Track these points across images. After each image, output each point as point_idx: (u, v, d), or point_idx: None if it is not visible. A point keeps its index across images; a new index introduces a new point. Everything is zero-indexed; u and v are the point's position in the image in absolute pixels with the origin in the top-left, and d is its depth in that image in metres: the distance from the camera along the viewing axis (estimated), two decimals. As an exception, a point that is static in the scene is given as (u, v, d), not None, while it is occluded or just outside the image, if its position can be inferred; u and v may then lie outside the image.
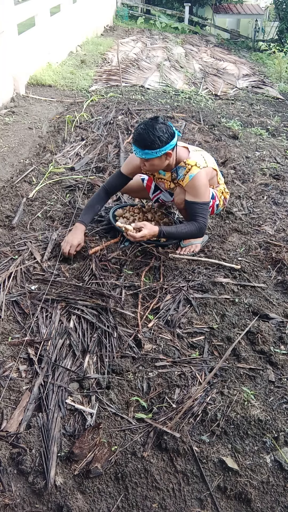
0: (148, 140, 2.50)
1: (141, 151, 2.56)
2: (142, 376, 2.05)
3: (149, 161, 2.60)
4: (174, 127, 2.63)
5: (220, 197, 2.99)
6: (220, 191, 2.98)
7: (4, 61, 5.39)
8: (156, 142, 2.50)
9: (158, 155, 2.55)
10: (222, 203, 3.03)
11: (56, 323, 2.28)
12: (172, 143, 2.57)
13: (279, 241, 3.15)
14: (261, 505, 1.63)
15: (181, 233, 2.81)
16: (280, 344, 2.30)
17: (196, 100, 6.66)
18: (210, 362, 2.16)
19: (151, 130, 2.50)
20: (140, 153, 2.57)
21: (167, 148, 2.55)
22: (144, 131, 2.51)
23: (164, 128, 2.53)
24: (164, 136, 2.51)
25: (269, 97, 7.43)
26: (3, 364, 2.05)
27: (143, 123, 2.57)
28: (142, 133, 2.51)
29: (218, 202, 2.97)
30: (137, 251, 2.89)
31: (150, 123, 2.54)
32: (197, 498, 1.64)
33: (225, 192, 3.03)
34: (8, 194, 3.47)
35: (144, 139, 2.51)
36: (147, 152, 2.54)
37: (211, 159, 2.85)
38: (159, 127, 2.51)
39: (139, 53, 9.51)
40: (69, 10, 8.39)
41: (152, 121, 2.56)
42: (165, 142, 2.53)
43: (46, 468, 1.64)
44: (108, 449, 1.73)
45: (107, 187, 2.95)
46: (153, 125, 2.52)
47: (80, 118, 5.18)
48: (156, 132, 2.49)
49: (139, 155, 2.58)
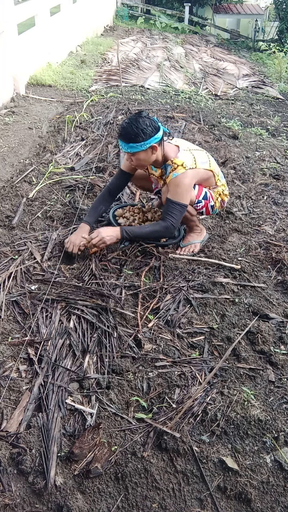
0: (132, 133, 2.53)
1: (126, 145, 2.58)
2: (142, 376, 2.05)
3: (135, 155, 2.62)
4: (159, 122, 2.65)
5: (217, 198, 2.94)
6: (217, 192, 2.93)
7: (4, 61, 5.39)
8: (140, 135, 2.53)
9: (143, 149, 2.57)
10: (219, 205, 2.97)
11: (56, 323, 2.28)
12: (157, 137, 2.58)
13: (279, 241, 3.15)
14: (261, 505, 1.63)
15: (145, 232, 2.78)
16: (280, 344, 2.30)
17: (196, 100, 6.66)
18: (210, 362, 2.16)
19: (134, 124, 2.53)
20: (126, 147, 2.59)
21: (152, 141, 2.57)
22: (128, 125, 2.55)
23: (148, 122, 2.55)
24: (147, 129, 2.53)
25: (269, 97, 7.43)
26: (3, 364, 2.05)
27: (127, 118, 2.61)
28: (126, 127, 2.55)
29: (212, 204, 2.91)
30: (137, 251, 2.89)
31: (133, 117, 2.57)
32: (197, 498, 1.64)
33: (224, 194, 2.97)
34: (8, 194, 3.47)
35: (128, 133, 2.54)
36: (132, 145, 2.56)
37: (205, 160, 2.79)
38: (143, 120, 2.54)
39: (139, 53, 9.51)
40: (69, 10, 8.39)
41: (135, 115, 2.59)
42: (149, 135, 2.55)
43: (46, 468, 1.64)
44: (108, 449, 1.73)
45: (110, 187, 2.97)
46: (137, 119, 2.55)
47: (80, 118, 5.18)
48: (139, 125, 2.52)
49: (125, 149, 2.61)
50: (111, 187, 2.96)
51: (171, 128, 5.16)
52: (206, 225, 3.26)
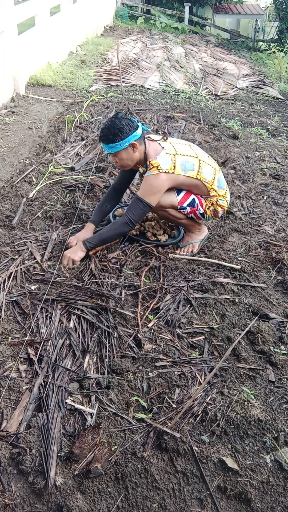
0: (109, 134, 2.58)
1: (106, 146, 2.63)
2: (142, 376, 2.05)
3: (117, 155, 2.66)
4: (137, 121, 2.69)
5: (208, 207, 2.85)
6: (210, 201, 2.84)
7: (4, 61, 5.39)
8: (118, 135, 2.57)
9: (123, 147, 2.61)
10: (210, 213, 2.88)
11: (56, 323, 2.28)
12: (135, 134, 2.61)
13: (279, 241, 3.15)
14: (261, 505, 1.63)
15: (105, 235, 2.74)
16: (280, 344, 2.30)
17: (196, 100, 6.66)
18: (210, 362, 2.16)
19: (111, 125, 2.59)
20: (107, 149, 2.64)
21: (130, 139, 2.60)
22: (105, 127, 2.61)
23: (125, 122, 2.60)
24: (124, 128, 2.58)
25: (269, 97, 7.43)
26: (3, 364, 2.05)
27: (106, 121, 2.65)
28: (104, 129, 2.61)
29: (202, 211, 2.85)
30: (137, 251, 2.89)
31: (111, 119, 2.64)
32: (197, 498, 1.64)
33: (217, 205, 2.86)
34: (8, 194, 3.47)
35: (106, 134, 2.60)
36: (112, 145, 2.60)
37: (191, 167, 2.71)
38: (119, 121, 2.60)
39: (139, 53, 9.51)
40: (69, 10, 8.39)
41: (112, 117, 2.65)
42: (127, 134, 2.58)
43: (46, 468, 1.64)
44: (108, 449, 1.73)
45: (115, 185, 3.00)
46: (113, 120, 2.61)
47: (80, 118, 5.18)
48: (115, 125, 2.58)
49: (107, 150, 2.66)
50: (116, 185, 2.99)
51: (171, 128, 5.16)
52: (206, 225, 3.26)
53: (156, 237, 3.01)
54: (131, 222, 2.70)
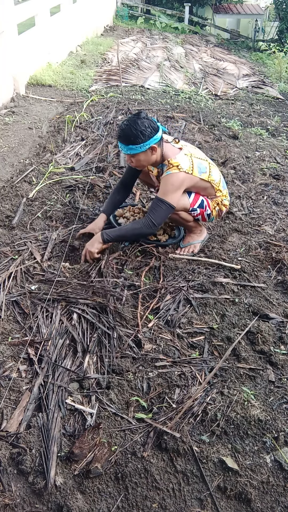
0: (131, 136, 2.50)
1: (125, 147, 2.56)
2: (142, 376, 2.05)
3: (135, 156, 2.60)
4: (158, 122, 2.63)
5: (214, 207, 2.89)
6: (215, 202, 2.88)
7: (4, 61, 5.39)
8: (139, 137, 2.50)
9: (143, 150, 2.55)
10: (216, 213, 2.92)
11: (56, 323, 2.28)
12: (156, 137, 2.56)
13: (279, 241, 3.15)
14: (261, 505, 1.63)
15: (124, 230, 2.75)
16: (280, 344, 2.30)
17: (196, 100, 6.66)
18: (210, 362, 2.16)
19: (133, 126, 2.50)
20: (125, 149, 2.57)
21: (151, 142, 2.54)
22: (127, 127, 2.52)
23: (147, 123, 2.52)
24: (146, 130, 2.51)
25: (269, 97, 7.43)
26: (3, 364, 2.05)
27: (126, 120, 2.58)
28: (125, 129, 2.52)
29: (209, 212, 2.87)
30: (137, 251, 2.89)
31: (132, 119, 2.54)
32: (197, 498, 1.64)
33: (222, 204, 2.91)
34: (8, 194, 3.47)
35: (127, 135, 2.52)
36: (131, 147, 2.54)
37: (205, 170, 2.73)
38: (141, 122, 2.51)
39: (139, 53, 9.51)
40: (69, 10, 8.39)
41: (134, 116, 2.56)
42: (148, 137, 2.52)
43: (46, 468, 1.64)
44: (108, 449, 1.73)
45: (122, 180, 2.97)
46: (135, 121, 2.52)
47: (80, 118, 5.18)
48: (138, 127, 2.49)
49: (124, 151, 2.59)
50: (124, 180, 2.97)
51: (171, 128, 5.16)
52: (206, 225, 3.26)
53: (156, 237, 3.01)
54: (153, 224, 2.64)
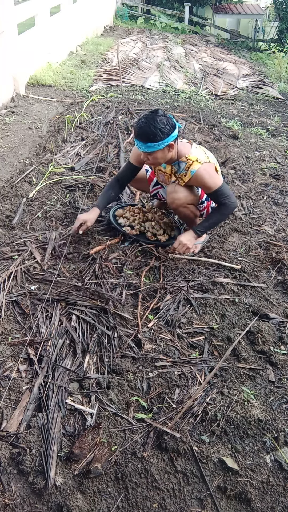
0: (150, 133, 2.48)
1: (143, 145, 2.53)
2: (142, 376, 2.05)
3: (152, 154, 2.58)
4: (174, 119, 2.62)
5: None
6: None
7: (4, 61, 5.38)
8: (158, 135, 2.48)
9: (161, 148, 2.53)
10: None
11: (56, 323, 2.28)
12: (174, 135, 2.55)
13: (279, 241, 3.15)
14: (261, 505, 1.63)
15: (215, 222, 2.83)
16: (280, 344, 2.30)
17: (196, 100, 6.66)
18: (210, 362, 2.16)
19: (152, 123, 2.48)
20: (143, 147, 2.54)
21: (169, 139, 2.53)
22: (145, 124, 2.49)
23: (165, 120, 2.51)
24: (165, 128, 2.49)
25: (269, 97, 7.43)
26: (3, 364, 2.05)
27: (143, 117, 2.55)
28: (144, 127, 2.49)
29: (213, 205, 2.91)
30: (137, 251, 2.89)
31: (150, 116, 2.52)
32: (197, 498, 1.64)
33: None
34: (8, 194, 3.47)
35: (146, 133, 2.49)
36: (150, 145, 2.52)
37: (213, 158, 2.83)
38: (160, 119, 2.50)
39: (139, 53, 9.51)
40: (69, 10, 8.39)
41: (152, 114, 2.54)
42: (167, 134, 2.51)
43: (46, 468, 1.64)
44: (108, 449, 1.73)
45: (118, 177, 2.97)
46: (154, 118, 2.50)
47: (80, 118, 5.18)
48: (157, 125, 2.48)
49: (142, 149, 2.56)
50: (119, 177, 2.97)
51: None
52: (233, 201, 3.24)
53: (156, 237, 3.01)
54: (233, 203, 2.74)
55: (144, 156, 2.63)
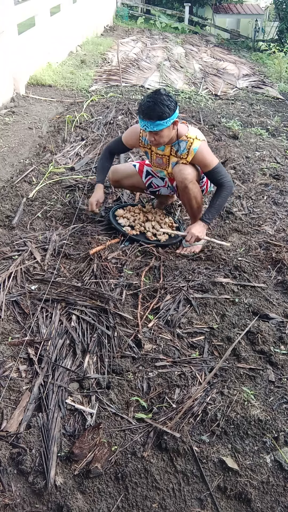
0: (159, 111, 2.53)
1: (152, 124, 2.56)
2: (142, 376, 2.05)
3: (159, 133, 2.62)
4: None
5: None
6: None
7: (4, 61, 5.38)
8: (166, 112, 2.54)
9: (168, 125, 2.60)
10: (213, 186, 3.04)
11: (56, 323, 2.28)
12: (177, 112, 2.62)
13: (279, 241, 3.15)
14: (261, 505, 1.63)
15: (219, 206, 2.89)
16: (280, 344, 2.30)
17: (196, 100, 6.66)
18: (210, 362, 2.16)
19: (159, 101, 2.54)
20: (152, 126, 2.58)
21: (175, 116, 2.60)
22: (153, 103, 2.54)
23: (169, 98, 2.58)
24: (171, 104, 2.56)
25: (269, 97, 7.43)
26: (3, 364, 2.05)
27: (148, 97, 2.58)
28: (152, 106, 2.54)
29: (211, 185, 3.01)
30: (137, 251, 2.89)
31: (155, 96, 2.57)
32: (197, 498, 1.64)
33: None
34: (8, 194, 3.47)
35: (155, 111, 2.53)
36: (159, 123, 2.56)
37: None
38: (164, 97, 2.56)
39: (139, 53, 9.51)
40: (69, 10, 8.39)
41: (155, 93, 2.60)
42: (173, 110, 2.58)
43: (46, 468, 1.64)
44: (108, 449, 1.73)
45: (110, 150, 3.09)
46: (159, 97, 2.56)
47: (80, 118, 5.18)
48: (164, 102, 2.54)
49: (151, 128, 2.59)
50: (111, 150, 3.10)
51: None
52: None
53: (156, 237, 3.01)
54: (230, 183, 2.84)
55: (151, 137, 2.66)
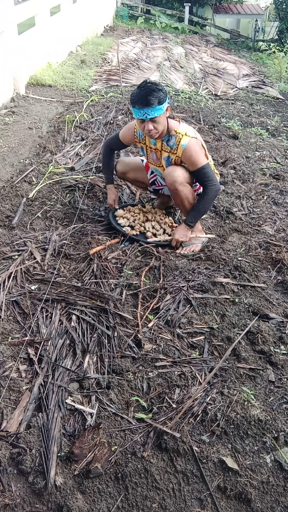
0: (156, 96, 2.57)
1: (153, 109, 2.59)
2: (142, 376, 2.05)
3: (157, 119, 2.64)
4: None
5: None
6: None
7: (4, 61, 5.39)
8: (162, 96, 2.59)
9: (165, 108, 2.64)
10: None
11: (56, 323, 2.28)
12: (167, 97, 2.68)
13: (279, 241, 3.15)
14: (261, 505, 1.63)
15: (202, 209, 2.90)
16: (280, 344, 2.30)
17: (196, 100, 6.65)
18: (210, 362, 2.16)
19: (153, 87, 2.59)
20: (153, 112, 2.60)
21: (167, 100, 2.65)
22: (149, 89, 2.58)
23: (158, 84, 2.64)
24: (163, 89, 2.62)
25: (269, 97, 7.42)
26: (3, 364, 2.05)
27: (140, 88, 2.62)
28: (149, 92, 2.57)
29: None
30: (137, 251, 2.89)
31: (147, 85, 2.62)
32: (197, 498, 1.64)
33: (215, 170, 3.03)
34: (8, 194, 3.47)
35: (153, 96, 2.56)
36: (159, 108, 2.60)
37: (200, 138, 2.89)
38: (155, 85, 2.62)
39: (139, 53, 9.51)
40: (69, 10, 8.39)
41: (145, 83, 2.64)
42: (166, 95, 2.63)
43: (46, 468, 1.64)
44: (108, 449, 1.73)
45: (110, 147, 3.16)
46: (151, 85, 2.61)
47: (80, 118, 5.18)
48: (157, 88, 2.60)
49: (152, 114, 2.60)
50: (111, 147, 3.16)
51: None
52: (206, 225, 3.26)
53: (156, 237, 3.01)
54: (215, 185, 2.82)
55: (149, 126, 2.66)
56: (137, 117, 2.66)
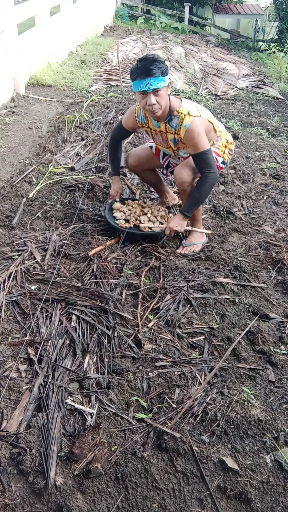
0: (159, 66, 2.50)
1: (156, 79, 2.50)
2: (142, 376, 2.05)
3: (159, 92, 2.55)
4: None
5: (224, 152, 2.91)
6: (223, 145, 2.90)
7: (4, 61, 5.39)
8: (164, 66, 2.54)
9: (167, 83, 2.57)
10: (227, 156, 2.95)
11: (56, 323, 2.28)
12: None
13: (279, 241, 3.15)
14: (261, 505, 1.63)
15: (198, 198, 2.78)
16: (280, 344, 2.30)
17: (196, 100, 6.65)
18: (210, 362, 2.16)
19: (155, 57, 2.53)
20: (156, 82, 2.50)
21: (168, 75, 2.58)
22: (151, 60, 2.51)
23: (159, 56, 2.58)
24: (164, 61, 2.56)
25: (269, 97, 7.42)
26: (3, 364, 2.05)
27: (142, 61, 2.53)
28: (151, 63, 2.49)
29: (222, 160, 2.90)
30: (137, 251, 2.89)
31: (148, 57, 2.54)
32: (197, 498, 1.64)
33: (229, 143, 2.93)
34: (8, 194, 3.47)
35: (156, 66, 2.49)
36: (162, 79, 2.52)
37: (206, 111, 2.82)
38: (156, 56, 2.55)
39: (139, 53, 9.50)
40: (69, 10, 8.39)
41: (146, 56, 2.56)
42: (167, 68, 2.58)
43: (46, 468, 1.64)
44: (108, 449, 1.73)
45: (116, 138, 3.13)
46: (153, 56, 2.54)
47: (80, 118, 5.18)
48: (159, 59, 2.54)
49: (155, 85, 2.51)
50: (117, 138, 3.13)
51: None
52: (206, 225, 3.26)
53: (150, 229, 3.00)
54: (214, 173, 2.69)
55: (151, 100, 2.55)
56: (139, 89, 2.52)
